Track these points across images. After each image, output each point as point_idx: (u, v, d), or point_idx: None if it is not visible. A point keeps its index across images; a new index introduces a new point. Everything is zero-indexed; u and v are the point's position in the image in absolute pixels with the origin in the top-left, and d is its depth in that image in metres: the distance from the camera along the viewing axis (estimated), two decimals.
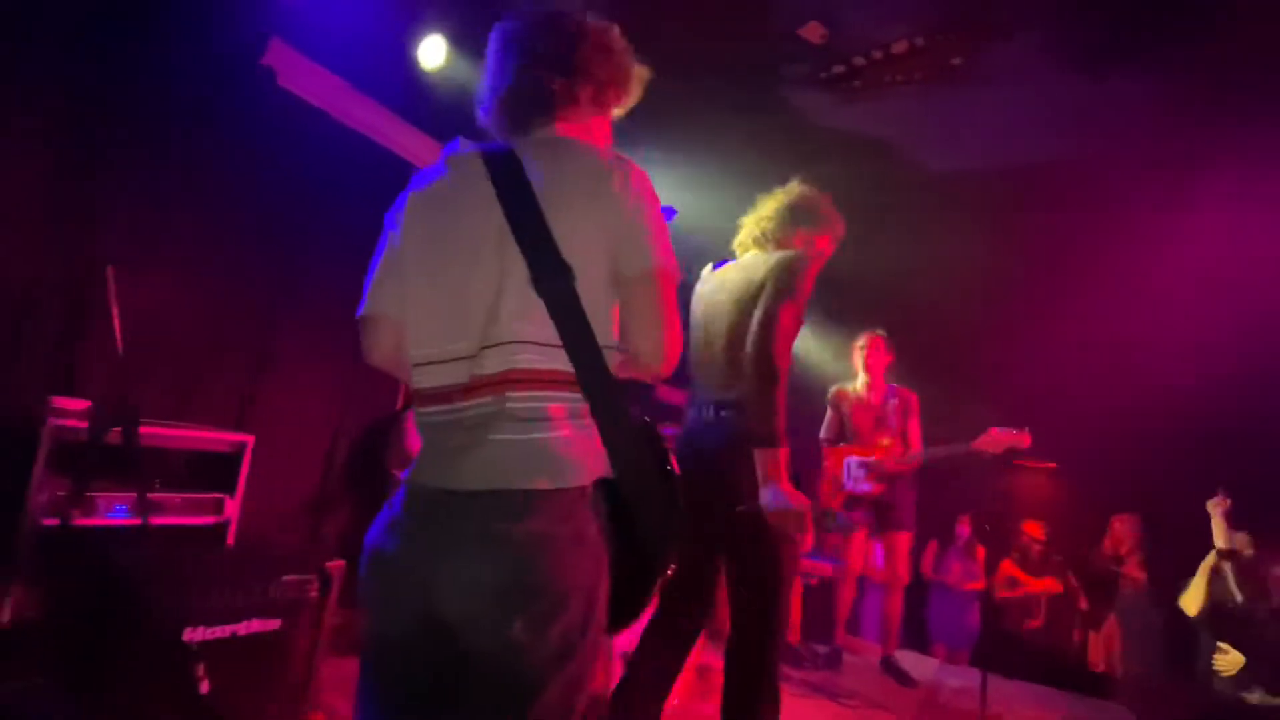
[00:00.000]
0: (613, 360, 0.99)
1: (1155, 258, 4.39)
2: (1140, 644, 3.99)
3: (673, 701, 2.57)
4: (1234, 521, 3.16)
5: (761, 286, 1.77)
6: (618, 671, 2.30)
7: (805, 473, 3.93)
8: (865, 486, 3.64)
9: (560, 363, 0.96)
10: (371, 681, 1.01)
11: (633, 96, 1.24)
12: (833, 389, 3.93)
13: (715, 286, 2.01)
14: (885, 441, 3.65)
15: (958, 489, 4.87)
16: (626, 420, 0.96)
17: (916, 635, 5.11)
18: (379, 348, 1.14)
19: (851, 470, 3.66)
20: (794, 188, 2.10)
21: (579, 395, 0.96)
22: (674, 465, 1.01)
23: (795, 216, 2.01)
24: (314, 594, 1.97)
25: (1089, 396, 4.80)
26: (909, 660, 3.81)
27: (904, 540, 3.69)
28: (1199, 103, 3.61)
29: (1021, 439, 3.36)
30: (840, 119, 4.32)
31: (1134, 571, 4.47)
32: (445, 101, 3.50)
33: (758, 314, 1.72)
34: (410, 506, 1.01)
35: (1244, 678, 2.98)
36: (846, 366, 4.03)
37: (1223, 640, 2.93)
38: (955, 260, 4.77)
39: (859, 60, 3.87)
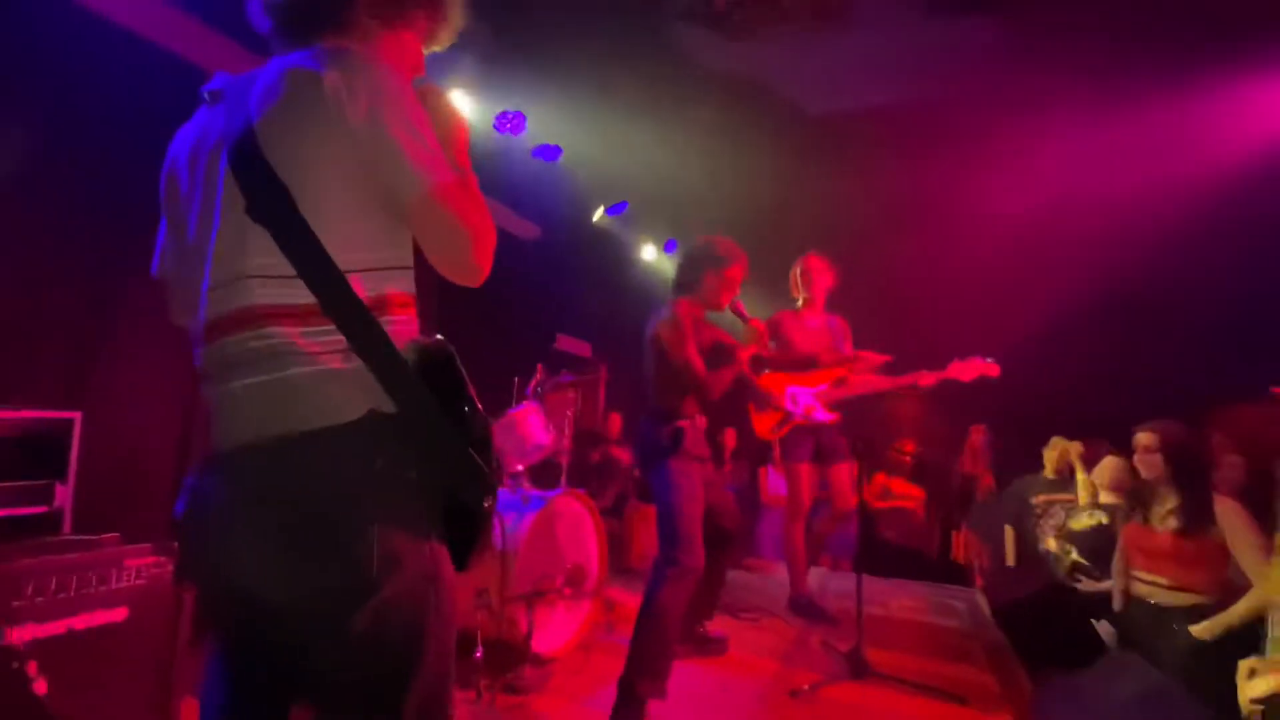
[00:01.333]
0: (379, 284, 0.92)
1: (1010, 188, 4.81)
2: (991, 539, 4.60)
3: (580, 635, 2.77)
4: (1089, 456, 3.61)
5: None
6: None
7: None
8: (820, 414, 3.56)
9: (305, 295, 0.89)
10: (213, 668, 0.96)
11: (445, 22, 1.13)
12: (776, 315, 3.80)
13: None
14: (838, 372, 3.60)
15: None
16: (386, 349, 0.89)
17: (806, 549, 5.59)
18: (174, 311, 1.08)
19: (800, 402, 3.59)
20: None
21: (330, 325, 0.89)
22: (471, 396, 0.93)
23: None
24: (168, 578, 1.84)
25: (950, 321, 5.28)
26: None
27: (850, 470, 3.64)
28: (1039, 50, 3.91)
29: (991, 369, 3.44)
30: (721, 60, 4.29)
31: (985, 477, 5.11)
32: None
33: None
34: (198, 476, 0.96)
35: (1076, 569, 3.53)
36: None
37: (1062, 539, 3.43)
38: (829, 199, 4.98)
39: None
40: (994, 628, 3.41)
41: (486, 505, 0.93)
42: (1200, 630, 2.35)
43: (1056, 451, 3.84)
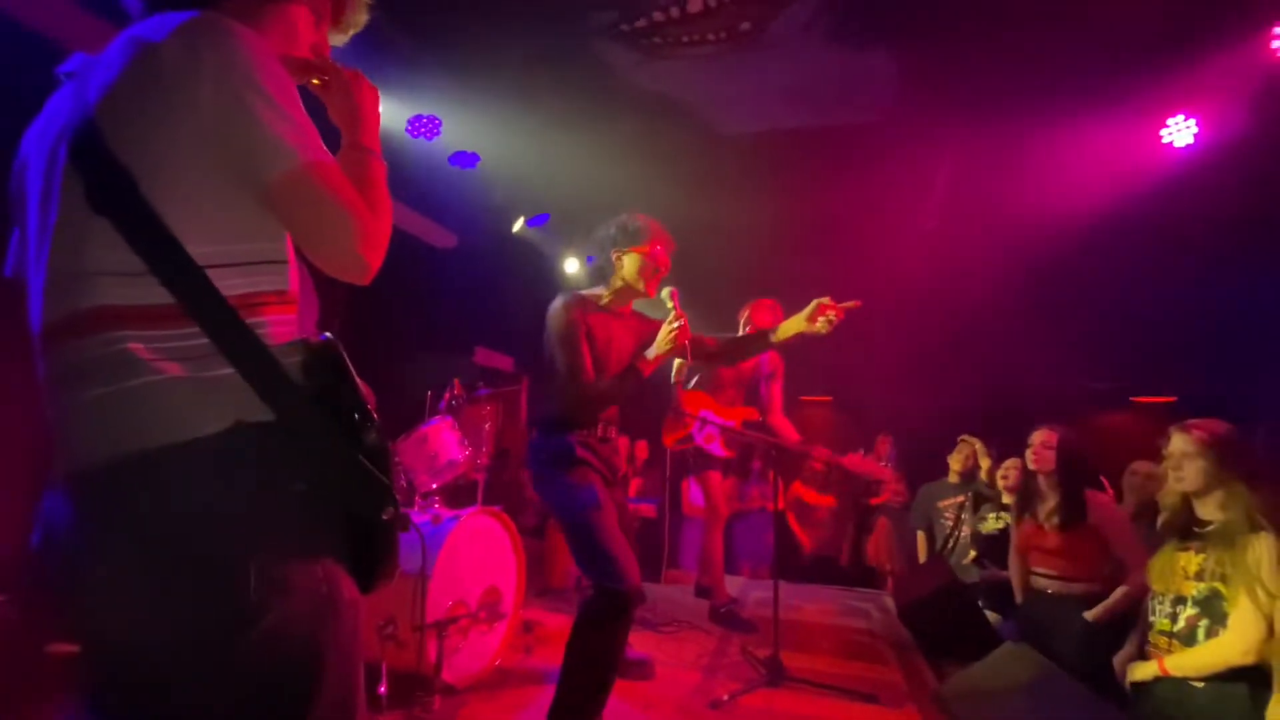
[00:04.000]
0: (248, 280, 0.83)
1: (909, 209, 5.13)
2: (903, 544, 4.83)
3: (496, 661, 2.64)
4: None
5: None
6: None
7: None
8: (716, 449, 3.68)
9: (160, 293, 0.78)
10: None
11: (343, 2, 1.05)
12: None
13: None
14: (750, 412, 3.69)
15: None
16: (257, 351, 0.80)
17: (725, 559, 5.68)
18: (30, 313, 0.94)
19: (705, 429, 3.66)
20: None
21: (191, 328, 0.79)
22: (363, 399, 0.84)
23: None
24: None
25: (857, 337, 5.55)
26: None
27: (716, 478, 3.81)
28: (933, 79, 4.22)
29: (883, 473, 3.58)
30: (642, 77, 4.36)
31: (893, 484, 5.36)
32: None
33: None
34: (48, 502, 0.85)
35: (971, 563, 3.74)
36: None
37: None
38: (742, 217, 5.12)
39: (659, 15, 3.90)
40: (901, 627, 3.56)
41: (386, 518, 0.85)
42: (1090, 615, 2.55)
43: (964, 453, 4.09)
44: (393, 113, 4.19)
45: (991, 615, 3.27)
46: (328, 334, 0.88)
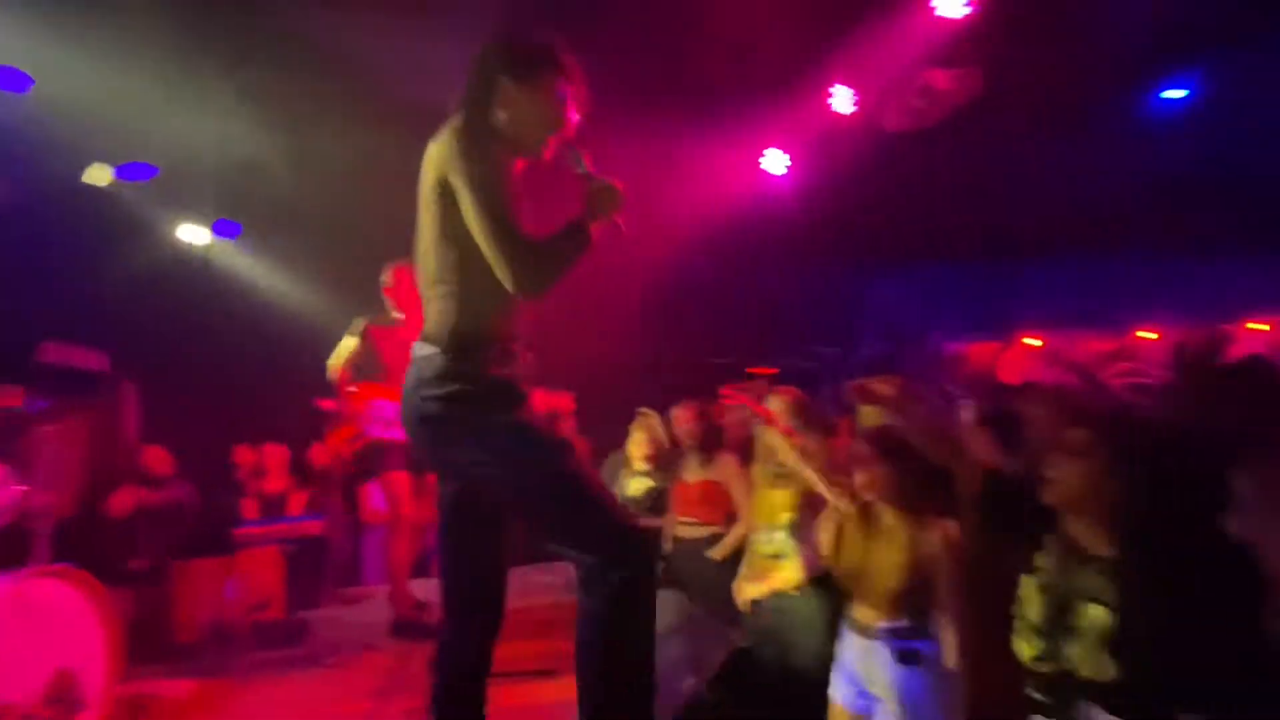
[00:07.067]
0: None
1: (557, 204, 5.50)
2: None
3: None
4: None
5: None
6: None
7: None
8: (398, 433, 3.36)
9: None
10: None
11: None
12: (360, 322, 3.46)
13: None
14: None
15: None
16: None
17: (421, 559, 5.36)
18: None
19: (383, 413, 3.29)
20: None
21: None
22: None
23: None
24: None
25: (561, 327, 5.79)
26: (417, 589, 3.82)
27: (403, 479, 3.51)
28: (600, 74, 4.55)
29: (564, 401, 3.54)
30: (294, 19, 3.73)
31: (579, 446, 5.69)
32: None
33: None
34: None
35: None
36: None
37: None
38: (394, 185, 4.83)
39: None
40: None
41: None
42: (714, 552, 3.01)
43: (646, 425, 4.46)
44: None
45: None
46: None
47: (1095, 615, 1.41)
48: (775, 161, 5.60)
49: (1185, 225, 6.17)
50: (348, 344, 3.47)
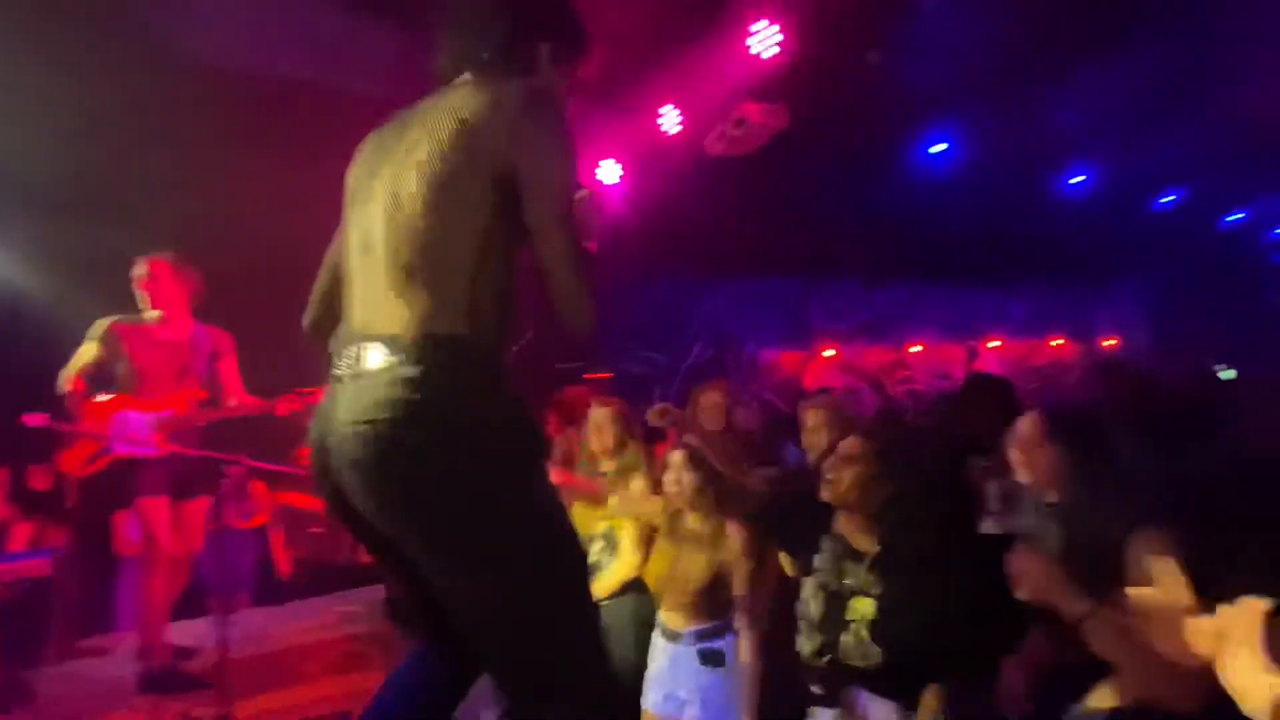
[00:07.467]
0: None
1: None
2: None
3: None
4: None
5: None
6: None
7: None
8: (149, 448, 2.86)
9: None
10: None
11: None
12: (103, 324, 2.91)
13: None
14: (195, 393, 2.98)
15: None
16: None
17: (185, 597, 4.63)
18: None
19: (130, 427, 2.88)
20: None
21: None
22: None
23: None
24: None
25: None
26: (180, 633, 3.30)
27: (204, 506, 3.06)
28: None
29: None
30: None
31: None
32: None
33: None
34: None
35: None
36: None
37: None
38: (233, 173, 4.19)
39: None
40: (389, 621, 3.51)
41: None
42: None
43: None
44: None
45: None
46: None
47: (863, 607, 1.57)
48: (609, 172, 5.73)
49: (942, 257, 7.45)
50: (87, 350, 2.92)
